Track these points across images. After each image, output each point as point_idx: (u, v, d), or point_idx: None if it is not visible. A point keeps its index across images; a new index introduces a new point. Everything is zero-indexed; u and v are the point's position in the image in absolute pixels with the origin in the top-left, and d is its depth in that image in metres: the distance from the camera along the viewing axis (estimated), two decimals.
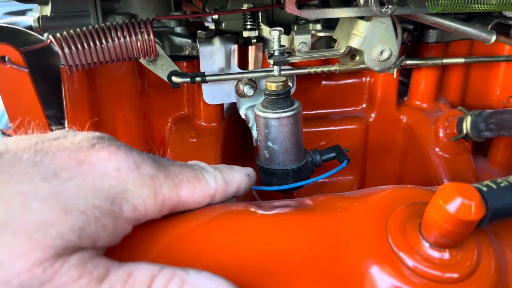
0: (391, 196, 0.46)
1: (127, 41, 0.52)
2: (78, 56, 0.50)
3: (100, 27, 0.51)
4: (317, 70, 0.71)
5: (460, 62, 0.77)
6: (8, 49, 0.47)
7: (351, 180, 0.92)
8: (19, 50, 0.48)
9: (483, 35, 0.67)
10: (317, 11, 0.61)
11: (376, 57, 0.65)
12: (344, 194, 0.51)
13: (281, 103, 0.60)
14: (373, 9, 0.60)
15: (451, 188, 0.37)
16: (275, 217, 0.48)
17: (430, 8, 0.58)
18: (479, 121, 0.73)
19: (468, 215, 0.36)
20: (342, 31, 0.69)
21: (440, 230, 0.38)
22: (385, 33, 0.64)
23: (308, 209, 0.49)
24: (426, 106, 0.88)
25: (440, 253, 0.40)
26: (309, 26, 0.78)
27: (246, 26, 0.73)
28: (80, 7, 0.74)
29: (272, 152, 0.62)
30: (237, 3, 0.78)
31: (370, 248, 0.42)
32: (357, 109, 0.90)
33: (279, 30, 0.61)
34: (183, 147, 0.80)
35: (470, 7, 0.58)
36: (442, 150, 0.82)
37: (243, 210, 0.50)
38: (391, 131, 0.89)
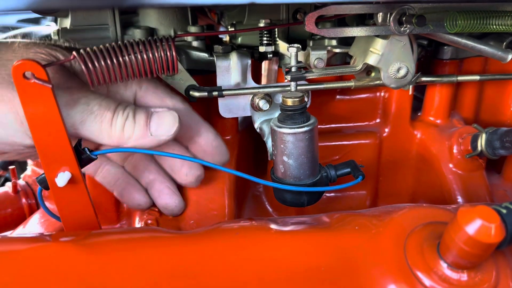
0: (408, 215, 0.46)
1: (150, 57, 0.52)
2: (101, 71, 0.50)
3: (123, 43, 0.52)
4: (333, 86, 0.71)
5: (475, 79, 0.78)
6: (32, 64, 0.48)
7: (364, 195, 0.92)
8: (42, 66, 0.49)
9: (499, 53, 0.67)
10: (335, 30, 0.62)
11: (393, 75, 0.66)
12: (361, 211, 0.52)
13: (297, 118, 0.61)
14: (391, 28, 0.60)
15: (471, 210, 0.37)
16: (292, 234, 0.48)
17: (449, 28, 0.58)
18: (494, 139, 0.73)
19: (488, 238, 0.36)
20: (358, 48, 0.69)
21: (458, 251, 0.38)
22: (402, 51, 0.64)
23: (325, 226, 0.49)
24: (440, 122, 0.88)
25: (458, 274, 0.41)
26: (325, 42, 0.78)
27: (263, 41, 0.74)
28: (99, 20, 0.75)
29: (287, 167, 0.62)
30: (254, 17, 0.79)
31: (388, 267, 0.43)
32: (371, 124, 0.91)
33: (297, 47, 0.62)
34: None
35: (488, 27, 0.58)
36: (456, 166, 0.82)
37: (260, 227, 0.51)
38: (404, 146, 0.89)
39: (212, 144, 0.67)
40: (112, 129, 0.55)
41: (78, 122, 0.54)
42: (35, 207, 0.94)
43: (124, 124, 0.56)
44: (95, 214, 0.57)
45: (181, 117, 0.62)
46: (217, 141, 0.68)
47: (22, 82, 0.48)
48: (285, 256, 0.45)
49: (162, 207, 0.69)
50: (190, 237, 0.50)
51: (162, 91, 0.64)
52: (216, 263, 0.46)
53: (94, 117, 0.55)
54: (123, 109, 0.56)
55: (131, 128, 0.56)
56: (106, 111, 0.55)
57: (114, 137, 0.56)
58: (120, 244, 0.50)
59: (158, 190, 0.68)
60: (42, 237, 0.51)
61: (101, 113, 0.55)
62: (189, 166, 0.66)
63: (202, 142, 0.66)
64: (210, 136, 0.67)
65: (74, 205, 0.56)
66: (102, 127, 0.55)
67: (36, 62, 0.48)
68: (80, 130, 0.55)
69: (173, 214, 0.68)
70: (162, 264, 0.46)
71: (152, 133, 0.57)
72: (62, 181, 0.53)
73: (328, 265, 0.44)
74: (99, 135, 0.56)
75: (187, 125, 0.65)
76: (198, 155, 0.68)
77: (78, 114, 0.54)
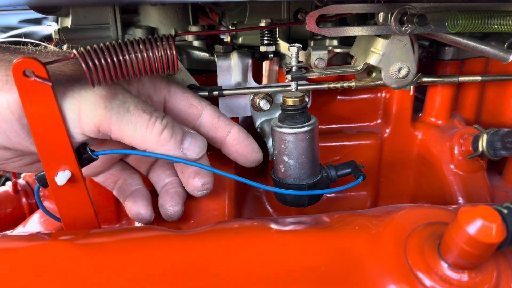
0: (409, 215, 0.46)
1: (150, 56, 0.52)
2: (101, 70, 0.50)
3: (123, 42, 0.52)
4: (334, 86, 0.71)
5: (477, 80, 0.77)
6: (32, 62, 0.48)
7: (365, 195, 0.92)
8: (43, 64, 0.49)
9: (501, 54, 0.67)
10: (336, 29, 0.62)
11: (394, 75, 0.66)
12: (361, 211, 0.52)
13: (298, 118, 0.61)
14: (392, 28, 0.60)
15: (472, 210, 0.37)
16: (292, 234, 0.48)
17: (450, 28, 0.58)
18: (495, 140, 0.73)
19: (489, 238, 0.36)
20: (359, 48, 0.69)
21: (459, 251, 0.38)
22: (403, 51, 0.64)
23: (325, 226, 0.49)
24: (441, 123, 0.87)
25: (459, 275, 0.40)
26: (326, 42, 0.78)
27: (264, 41, 0.74)
28: (100, 20, 0.75)
29: (287, 167, 0.62)
30: (255, 17, 0.79)
31: (389, 267, 0.42)
32: (371, 125, 0.90)
33: (298, 47, 0.61)
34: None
35: (489, 27, 0.58)
36: (457, 167, 0.82)
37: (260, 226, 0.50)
38: (405, 147, 0.89)
39: (245, 143, 0.67)
40: (148, 131, 0.55)
41: (115, 118, 0.53)
42: (35, 206, 0.94)
43: (163, 131, 0.56)
44: (95, 213, 0.57)
45: (211, 119, 0.64)
46: (249, 139, 0.68)
47: (22, 80, 0.48)
48: (285, 255, 0.45)
49: (164, 214, 0.68)
50: (190, 237, 0.50)
51: (191, 95, 0.65)
52: (216, 262, 0.46)
53: (130, 116, 0.54)
54: (162, 117, 0.57)
55: (168, 137, 0.56)
56: (143, 112, 0.55)
57: (148, 141, 0.56)
58: (119, 243, 0.50)
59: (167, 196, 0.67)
60: (42, 235, 0.51)
61: (137, 113, 0.54)
62: (197, 172, 0.66)
63: (235, 142, 0.67)
64: (241, 135, 0.67)
65: (73, 204, 0.56)
66: (137, 127, 0.54)
67: (36, 60, 0.48)
68: (115, 128, 0.54)
69: (171, 220, 0.68)
70: (162, 263, 0.45)
71: (183, 149, 0.58)
72: (62, 179, 0.53)
73: (328, 265, 0.44)
74: (134, 135, 0.55)
75: (217, 127, 0.66)
76: (232, 156, 0.68)
77: (115, 109, 0.53)
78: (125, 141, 0.56)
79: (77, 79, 0.53)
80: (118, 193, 0.69)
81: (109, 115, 0.53)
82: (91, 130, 0.53)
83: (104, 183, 0.70)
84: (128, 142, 0.56)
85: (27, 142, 0.53)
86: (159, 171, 0.70)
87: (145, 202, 0.66)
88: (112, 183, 0.69)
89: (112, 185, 0.70)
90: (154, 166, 0.70)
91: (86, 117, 0.52)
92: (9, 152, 0.55)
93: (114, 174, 0.69)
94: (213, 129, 0.66)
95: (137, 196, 0.67)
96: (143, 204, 0.66)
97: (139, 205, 0.66)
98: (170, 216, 0.65)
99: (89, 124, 0.53)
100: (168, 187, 0.68)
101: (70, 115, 0.52)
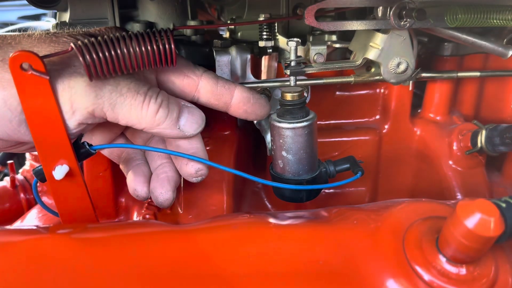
0: (407, 209, 0.46)
1: (148, 49, 0.52)
2: (99, 64, 0.50)
3: (121, 35, 0.52)
4: (333, 81, 0.71)
5: (476, 75, 0.77)
6: (30, 56, 0.48)
7: (364, 191, 0.92)
8: (40, 57, 0.48)
9: (500, 49, 0.67)
10: (335, 23, 0.62)
11: (392, 70, 0.66)
12: (360, 206, 0.52)
13: (297, 113, 0.60)
14: (391, 22, 0.60)
15: (470, 203, 0.36)
16: (290, 228, 0.48)
17: (449, 22, 0.58)
18: (494, 135, 0.73)
19: (487, 231, 0.36)
20: (358, 43, 0.69)
21: (458, 245, 0.38)
22: (402, 45, 0.64)
23: (324, 220, 0.49)
24: (440, 119, 0.87)
25: (457, 269, 0.40)
26: (325, 37, 0.78)
27: (263, 36, 0.73)
28: (98, 14, 0.75)
29: (286, 162, 0.62)
30: (254, 12, 0.79)
31: (387, 261, 0.42)
32: (370, 120, 0.90)
33: (296, 41, 0.61)
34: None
35: (488, 22, 0.58)
36: (455, 163, 0.82)
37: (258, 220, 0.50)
38: (404, 143, 0.89)
39: (251, 101, 0.64)
40: (143, 112, 0.55)
41: (107, 104, 0.53)
42: (33, 201, 0.94)
43: (158, 111, 0.55)
44: (93, 207, 0.57)
45: (209, 88, 0.62)
46: (255, 97, 0.65)
47: (19, 73, 0.48)
48: (283, 250, 0.45)
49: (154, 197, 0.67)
50: (188, 231, 0.50)
51: (183, 65, 0.62)
52: (214, 257, 0.46)
53: (124, 99, 0.54)
54: (156, 95, 0.56)
55: (164, 117, 0.56)
56: (136, 94, 0.54)
57: (144, 121, 0.55)
58: (117, 237, 0.50)
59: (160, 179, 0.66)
60: (39, 229, 0.51)
61: (131, 95, 0.54)
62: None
63: (241, 104, 0.64)
64: (246, 96, 0.64)
65: (71, 198, 0.56)
66: (131, 110, 0.54)
67: (33, 54, 0.48)
68: (109, 113, 0.54)
69: (163, 207, 0.67)
70: (160, 258, 0.45)
71: (180, 127, 0.58)
72: (60, 174, 0.52)
73: (327, 259, 0.44)
74: (129, 117, 0.55)
75: (218, 94, 0.63)
76: (242, 116, 0.66)
77: (106, 95, 0.53)
78: (121, 123, 0.56)
79: (66, 67, 0.52)
80: (123, 166, 0.69)
81: (101, 102, 0.52)
82: (85, 117, 0.53)
83: (110, 156, 0.70)
84: (124, 123, 0.56)
85: (27, 137, 0.53)
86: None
87: (142, 179, 0.65)
88: (116, 157, 0.69)
89: (117, 159, 0.69)
90: (149, 143, 0.69)
91: (78, 107, 0.52)
92: (11, 142, 0.55)
93: (118, 148, 0.68)
94: (214, 97, 0.63)
95: (137, 172, 0.66)
96: (140, 181, 0.65)
97: (137, 181, 0.65)
98: (161, 204, 0.64)
99: (82, 113, 0.52)
100: (159, 171, 0.66)
101: (63, 106, 0.51)
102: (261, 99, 0.66)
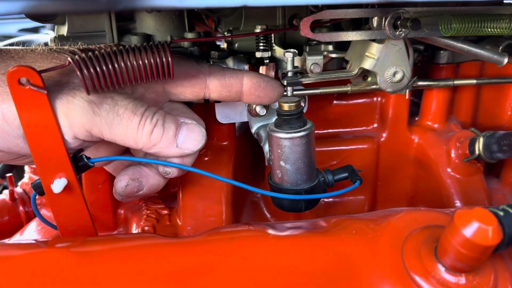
0: (406, 218, 0.46)
1: (146, 63, 0.52)
2: (96, 78, 0.50)
3: (118, 49, 0.52)
4: (329, 91, 0.71)
5: (472, 83, 0.78)
6: (27, 71, 0.48)
7: (363, 200, 0.92)
8: (38, 72, 0.49)
9: (495, 57, 0.67)
10: (331, 34, 0.62)
11: (389, 79, 0.66)
12: (358, 215, 0.52)
13: (294, 123, 0.61)
14: (386, 32, 0.60)
15: (468, 212, 0.37)
16: (289, 239, 0.48)
17: (444, 31, 0.58)
18: (491, 143, 0.73)
19: (485, 240, 0.36)
20: (354, 53, 0.69)
21: (456, 254, 0.38)
22: (398, 55, 0.64)
23: (322, 231, 0.49)
24: (437, 127, 0.88)
25: (456, 278, 0.40)
26: (321, 47, 0.78)
27: (259, 47, 0.74)
28: (96, 27, 0.75)
29: (284, 172, 0.62)
30: (250, 23, 0.79)
31: (386, 271, 0.42)
32: (368, 129, 0.91)
33: (293, 52, 0.62)
34: (196, 166, 0.80)
35: (483, 30, 0.58)
36: (454, 170, 0.82)
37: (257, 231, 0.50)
38: (402, 151, 0.89)
39: (262, 85, 0.64)
40: (139, 134, 0.54)
41: (105, 124, 0.53)
42: (32, 214, 0.94)
43: (152, 131, 0.55)
44: (92, 220, 0.57)
45: (217, 80, 0.61)
46: (265, 80, 0.64)
47: (17, 88, 0.48)
48: (282, 260, 0.45)
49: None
50: (186, 244, 0.50)
51: (188, 66, 0.62)
52: (214, 269, 0.46)
53: (120, 120, 0.53)
54: (152, 115, 0.55)
55: (159, 136, 0.55)
56: (133, 115, 0.54)
57: (141, 142, 0.55)
58: (116, 250, 0.50)
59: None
60: (38, 243, 0.51)
61: (127, 116, 0.54)
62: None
63: (252, 90, 0.63)
64: (255, 81, 0.63)
65: (70, 211, 0.56)
66: (128, 131, 0.54)
67: (31, 69, 0.48)
68: (106, 133, 0.53)
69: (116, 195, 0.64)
70: (159, 271, 0.45)
71: (178, 145, 0.57)
72: (58, 187, 0.52)
73: (326, 270, 0.44)
74: (125, 138, 0.54)
75: (229, 84, 0.62)
76: (256, 102, 0.65)
77: (103, 114, 0.53)
78: (119, 143, 0.55)
79: (65, 84, 0.53)
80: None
81: (99, 120, 0.52)
82: (83, 134, 0.53)
83: (115, 172, 0.68)
84: (122, 143, 0.55)
85: (26, 150, 0.53)
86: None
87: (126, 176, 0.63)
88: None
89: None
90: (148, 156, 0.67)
91: (76, 123, 0.52)
92: (13, 155, 0.55)
93: (122, 163, 0.67)
94: (225, 89, 0.62)
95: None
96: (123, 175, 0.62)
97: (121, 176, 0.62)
98: (115, 192, 0.62)
99: (80, 130, 0.52)
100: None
101: (61, 121, 0.52)
102: (272, 81, 0.65)
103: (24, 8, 0.35)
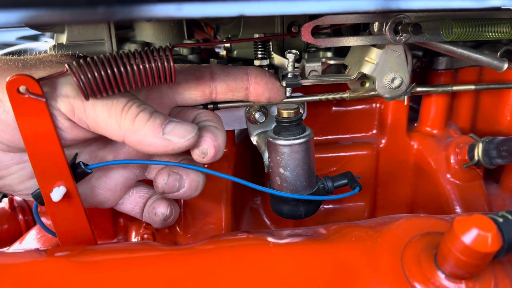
0: (405, 225, 0.46)
1: (147, 68, 0.52)
2: (95, 84, 0.50)
3: (118, 54, 0.52)
4: (328, 97, 0.71)
5: (470, 89, 0.78)
6: (26, 79, 0.48)
7: (362, 206, 0.92)
8: (36, 80, 0.49)
9: (495, 62, 0.67)
10: (331, 40, 0.62)
11: (387, 85, 0.66)
12: (358, 222, 0.51)
13: (293, 130, 0.61)
14: (387, 37, 0.60)
15: (467, 219, 0.36)
16: (289, 247, 0.48)
17: (445, 36, 0.58)
18: (491, 148, 0.73)
19: (485, 247, 0.36)
20: (353, 58, 0.69)
21: (456, 261, 0.38)
22: (397, 61, 0.65)
23: (322, 238, 0.49)
24: (436, 132, 0.88)
25: (456, 285, 0.40)
26: (320, 54, 0.78)
27: (258, 55, 0.74)
28: (95, 35, 0.76)
29: (283, 179, 0.62)
30: (249, 31, 0.79)
31: (385, 278, 0.42)
32: (367, 135, 0.91)
33: (295, 53, 0.62)
34: None
35: (484, 35, 0.58)
36: (453, 176, 0.82)
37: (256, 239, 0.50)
38: (402, 157, 0.89)
39: (263, 81, 0.63)
40: (123, 116, 0.51)
41: (89, 107, 0.51)
42: (31, 223, 0.94)
43: (137, 115, 0.52)
44: (91, 229, 0.57)
45: (218, 74, 0.61)
46: (266, 76, 0.64)
47: (16, 97, 0.48)
48: (282, 268, 0.45)
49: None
50: (186, 252, 0.50)
51: (190, 72, 0.61)
52: (213, 277, 0.45)
53: (106, 99, 0.52)
54: (140, 103, 0.53)
55: (143, 121, 0.51)
56: (120, 97, 0.52)
57: (123, 125, 0.51)
58: (115, 259, 0.49)
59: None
60: (37, 252, 0.51)
61: (113, 96, 0.52)
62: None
63: (255, 84, 0.63)
64: (259, 75, 0.63)
65: (69, 220, 0.56)
66: (112, 110, 0.51)
67: (30, 77, 0.48)
68: (88, 109, 0.51)
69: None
70: (158, 279, 0.45)
71: (165, 132, 0.52)
72: (57, 196, 0.52)
73: (325, 278, 0.43)
74: (107, 118, 0.51)
75: (231, 80, 0.62)
76: (256, 100, 0.65)
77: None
78: (101, 127, 0.52)
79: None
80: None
81: (83, 105, 0.51)
82: (67, 108, 0.51)
83: (133, 211, 0.67)
84: (104, 128, 0.52)
85: None
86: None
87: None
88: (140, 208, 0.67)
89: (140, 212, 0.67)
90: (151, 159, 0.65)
91: (61, 93, 0.51)
92: (9, 156, 0.55)
93: (141, 196, 0.66)
94: (232, 83, 0.62)
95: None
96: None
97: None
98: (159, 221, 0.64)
99: (63, 101, 0.51)
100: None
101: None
102: (272, 77, 0.65)
103: (22, 19, 0.35)
